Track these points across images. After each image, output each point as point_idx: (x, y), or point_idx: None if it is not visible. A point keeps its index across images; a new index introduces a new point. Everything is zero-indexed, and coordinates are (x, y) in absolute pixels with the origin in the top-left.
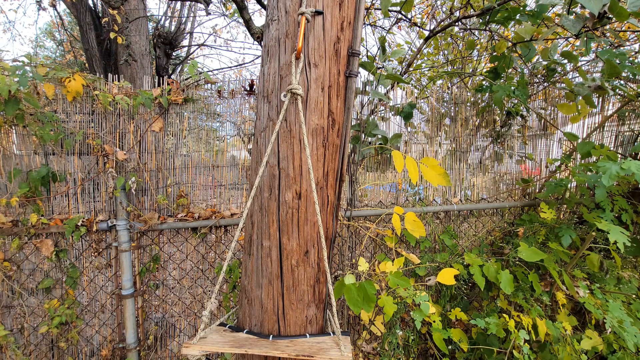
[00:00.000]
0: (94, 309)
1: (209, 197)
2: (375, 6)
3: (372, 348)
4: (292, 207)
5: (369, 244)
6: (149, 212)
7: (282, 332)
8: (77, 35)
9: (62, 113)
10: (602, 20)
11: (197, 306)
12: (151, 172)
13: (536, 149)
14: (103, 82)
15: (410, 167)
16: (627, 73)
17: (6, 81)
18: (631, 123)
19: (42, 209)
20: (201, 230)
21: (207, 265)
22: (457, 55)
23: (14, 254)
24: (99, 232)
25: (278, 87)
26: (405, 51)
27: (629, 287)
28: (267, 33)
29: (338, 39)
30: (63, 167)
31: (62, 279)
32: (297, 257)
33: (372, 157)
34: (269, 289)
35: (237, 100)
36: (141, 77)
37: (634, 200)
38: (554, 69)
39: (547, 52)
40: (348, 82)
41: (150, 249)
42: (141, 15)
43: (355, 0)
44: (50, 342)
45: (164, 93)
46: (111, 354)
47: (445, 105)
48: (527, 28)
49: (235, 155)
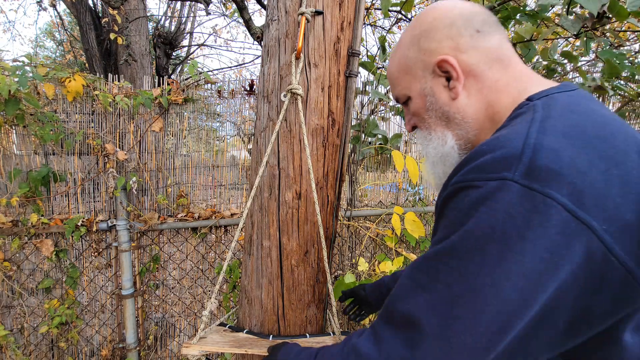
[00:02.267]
0: (94, 309)
1: (209, 197)
2: (375, 6)
3: None
4: (292, 207)
5: (369, 243)
6: (149, 212)
7: (282, 332)
8: (77, 35)
9: (62, 113)
10: (602, 20)
11: (197, 306)
12: (151, 172)
13: None
14: (103, 82)
15: (411, 167)
16: (627, 73)
17: (6, 81)
18: (631, 123)
19: (42, 209)
20: (201, 230)
21: (207, 265)
22: None
23: (14, 254)
24: (99, 232)
25: (278, 87)
26: None
27: None
28: (267, 33)
29: (338, 39)
30: (63, 167)
31: (62, 279)
32: (297, 257)
33: (372, 157)
34: (269, 288)
35: (237, 100)
36: (141, 77)
37: None
38: (553, 69)
39: (547, 52)
40: (348, 82)
41: (150, 249)
42: (141, 15)
43: (355, 0)
44: (50, 342)
45: (164, 93)
46: (111, 354)
47: None
48: (527, 28)
49: (235, 155)
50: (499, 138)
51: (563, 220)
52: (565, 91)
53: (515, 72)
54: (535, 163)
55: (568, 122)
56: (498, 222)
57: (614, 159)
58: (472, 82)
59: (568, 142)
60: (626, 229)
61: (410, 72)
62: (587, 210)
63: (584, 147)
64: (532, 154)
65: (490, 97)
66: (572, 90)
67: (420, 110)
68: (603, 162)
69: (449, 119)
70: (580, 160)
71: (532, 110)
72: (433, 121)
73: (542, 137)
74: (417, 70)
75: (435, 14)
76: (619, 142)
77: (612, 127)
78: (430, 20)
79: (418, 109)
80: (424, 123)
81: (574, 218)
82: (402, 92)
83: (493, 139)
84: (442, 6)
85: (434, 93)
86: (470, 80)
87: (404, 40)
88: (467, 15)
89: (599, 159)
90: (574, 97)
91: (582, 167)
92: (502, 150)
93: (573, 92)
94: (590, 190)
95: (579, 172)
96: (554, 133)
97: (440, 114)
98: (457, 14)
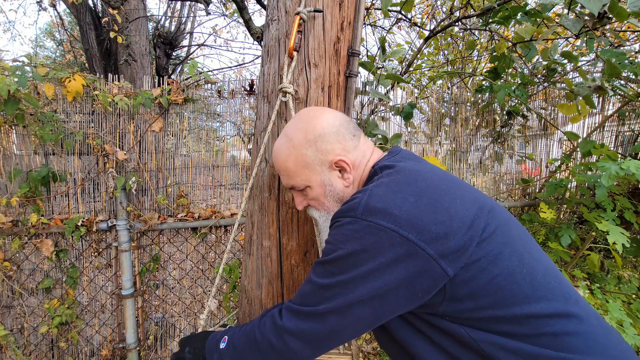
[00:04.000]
0: (94, 309)
1: (209, 197)
2: (375, 6)
3: (372, 348)
4: (292, 207)
5: None
6: (149, 212)
7: None
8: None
9: (62, 113)
10: (602, 20)
11: (197, 306)
12: (151, 172)
13: (536, 149)
14: (103, 82)
15: None
16: (627, 73)
17: (6, 81)
18: (631, 123)
19: (42, 209)
20: (201, 230)
21: (207, 265)
22: (457, 55)
23: (14, 254)
24: (99, 232)
25: (278, 87)
26: (406, 51)
27: (628, 286)
28: (267, 33)
29: (338, 39)
30: (63, 167)
31: (62, 279)
32: (297, 257)
33: None
34: (269, 289)
35: (237, 100)
36: (141, 77)
37: (634, 200)
38: (554, 69)
39: (547, 52)
40: (348, 82)
41: (150, 249)
42: (141, 15)
43: (355, 0)
44: (50, 342)
45: (164, 93)
46: (111, 354)
47: (445, 105)
48: (528, 28)
49: (235, 155)
50: (354, 196)
51: (390, 237)
52: (391, 157)
53: (362, 150)
54: (368, 205)
55: (391, 179)
56: (354, 247)
57: (419, 195)
58: (354, 171)
59: (389, 190)
60: (432, 235)
61: (309, 167)
62: (405, 228)
63: (399, 191)
64: (366, 200)
65: (357, 175)
66: (396, 155)
67: (320, 197)
68: (412, 197)
69: (342, 200)
70: (397, 199)
71: (376, 175)
72: (331, 204)
73: (374, 189)
74: (315, 166)
75: (324, 123)
76: (421, 184)
77: (417, 175)
78: (320, 128)
79: (318, 196)
80: (322, 205)
81: (397, 234)
82: (301, 182)
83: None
84: (327, 118)
85: (332, 183)
86: (353, 171)
87: (298, 141)
88: (345, 124)
89: (409, 196)
90: (397, 161)
91: (398, 203)
92: (353, 202)
93: (396, 156)
94: (406, 215)
95: (396, 206)
96: (381, 186)
97: (337, 198)
98: (338, 124)
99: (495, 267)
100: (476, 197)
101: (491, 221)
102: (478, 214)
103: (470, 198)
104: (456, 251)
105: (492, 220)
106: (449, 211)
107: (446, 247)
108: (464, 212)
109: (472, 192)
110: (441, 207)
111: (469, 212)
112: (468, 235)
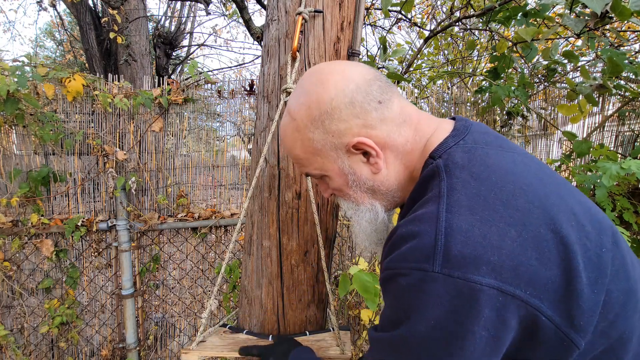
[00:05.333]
0: (94, 309)
1: (209, 197)
2: (375, 6)
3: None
4: (292, 207)
5: None
6: (149, 212)
7: (282, 332)
8: (77, 35)
9: (62, 113)
10: (604, 19)
11: (197, 306)
12: (151, 172)
13: (536, 149)
14: (103, 82)
15: None
16: (627, 73)
17: (6, 81)
18: (631, 123)
19: (42, 209)
20: (201, 230)
21: (207, 265)
22: (457, 55)
23: (14, 254)
24: (99, 232)
25: (278, 87)
26: (406, 51)
27: None
28: (267, 33)
29: (338, 39)
30: (63, 167)
31: (62, 279)
32: (296, 257)
33: None
34: (269, 289)
35: (237, 100)
36: (141, 77)
37: (634, 200)
38: (554, 69)
39: (548, 52)
40: None
41: (150, 249)
42: (141, 15)
43: (355, 0)
44: (50, 342)
45: (164, 93)
46: (111, 354)
47: (445, 106)
48: (529, 29)
49: (235, 155)
50: (414, 222)
51: (490, 298)
52: (460, 141)
53: (415, 125)
54: (449, 252)
55: (470, 192)
56: (435, 317)
57: (521, 222)
58: (389, 153)
59: (475, 218)
60: (549, 286)
61: (319, 154)
62: (509, 282)
63: (491, 219)
64: (445, 241)
65: (405, 161)
66: (466, 135)
67: (343, 187)
68: (512, 228)
69: (375, 191)
70: (492, 234)
71: (437, 178)
72: (359, 195)
73: (450, 217)
74: (327, 151)
75: (332, 92)
76: (521, 201)
77: (511, 185)
78: (328, 100)
79: (340, 186)
80: (349, 197)
81: (499, 292)
82: (315, 171)
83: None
84: (336, 82)
85: (354, 171)
86: (387, 152)
87: (302, 122)
88: (364, 87)
89: (508, 227)
90: (469, 151)
91: (494, 242)
92: (418, 239)
93: (467, 138)
94: (508, 261)
95: (493, 247)
96: (460, 210)
97: (365, 188)
98: (353, 88)
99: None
100: (589, 207)
101: (617, 254)
102: (603, 243)
103: (588, 214)
104: (588, 310)
105: (618, 253)
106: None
107: (575, 306)
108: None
109: (583, 200)
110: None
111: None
112: (599, 284)
